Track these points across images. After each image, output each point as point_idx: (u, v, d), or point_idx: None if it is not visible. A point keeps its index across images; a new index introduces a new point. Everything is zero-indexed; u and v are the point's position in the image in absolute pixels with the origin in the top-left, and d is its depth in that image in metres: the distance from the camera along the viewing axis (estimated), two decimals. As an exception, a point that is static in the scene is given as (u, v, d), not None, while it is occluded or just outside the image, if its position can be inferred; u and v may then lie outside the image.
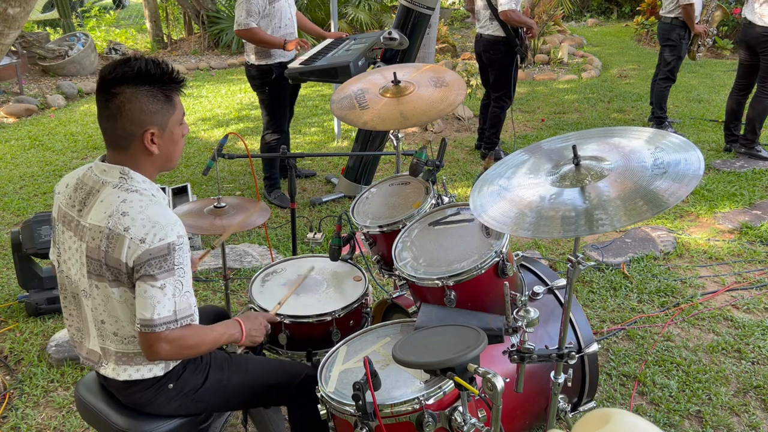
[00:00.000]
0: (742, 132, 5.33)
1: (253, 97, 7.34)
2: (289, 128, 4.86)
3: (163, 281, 1.56)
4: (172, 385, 1.76)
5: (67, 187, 1.71)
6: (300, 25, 4.56)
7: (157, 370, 1.72)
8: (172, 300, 1.58)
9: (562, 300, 2.18)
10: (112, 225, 1.56)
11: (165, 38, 10.72)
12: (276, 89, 4.36)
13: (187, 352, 1.67)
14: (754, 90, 5.20)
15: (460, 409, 1.62)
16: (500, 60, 5.04)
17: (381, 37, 3.94)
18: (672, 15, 5.52)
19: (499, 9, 4.73)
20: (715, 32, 5.82)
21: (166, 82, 1.62)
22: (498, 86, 5.16)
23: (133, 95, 1.58)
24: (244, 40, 4.30)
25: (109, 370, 1.71)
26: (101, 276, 1.61)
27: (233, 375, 1.86)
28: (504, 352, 1.80)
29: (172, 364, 1.74)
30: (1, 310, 3.37)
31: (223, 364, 1.87)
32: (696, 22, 5.47)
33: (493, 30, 4.95)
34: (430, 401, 1.62)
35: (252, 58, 4.31)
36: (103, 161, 1.67)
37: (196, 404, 1.81)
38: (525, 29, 4.93)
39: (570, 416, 2.12)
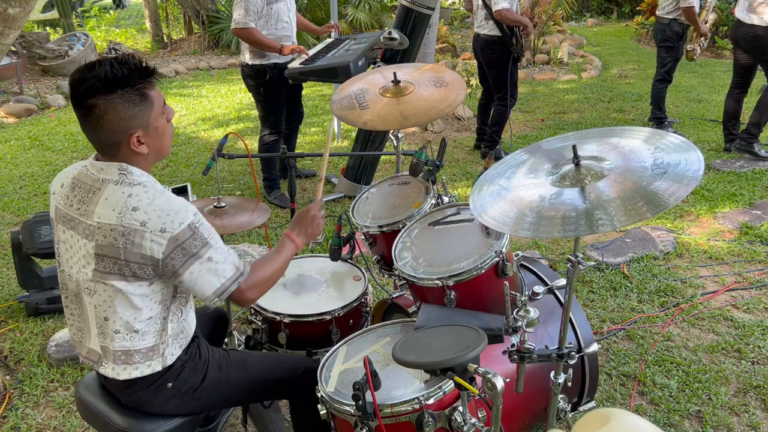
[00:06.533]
0: (742, 130, 5.33)
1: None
2: (296, 127, 4.86)
3: (208, 254, 1.61)
4: (171, 384, 1.76)
5: (62, 186, 1.70)
6: (297, 24, 4.55)
7: (156, 365, 1.71)
8: (226, 261, 1.65)
9: (562, 300, 2.18)
10: (127, 222, 1.56)
11: (165, 38, 10.72)
12: (271, 90, 4.34)
13: (271, 284, 1.80)
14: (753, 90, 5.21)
15: (460, 409, 1.62)
16: (497, 59, 5.04)
17: (381, 37, 3.94)
18: (671, 16, 5.52)
19: (493, 8, 4.72)
20: (709, 34, 5.84)
21: (136, 81, 1.58)
22: (498, 86, 5.16)
23: (108, 105, 1.55)
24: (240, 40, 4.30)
25: (109, 370, 1.71)
26: (113, 273, 1.60)
27: (232, 372, 1.86)
28: (504, 352, 1.80)
29: (169, 360, 1.74)
30: (1, 310, 3.37)
31: (221, 362, 1.87)
32: None
33: (489, 29, 4.94)
34: (430, 401, 1.62)
35: (247, 58, 4.29)
36: (98, 159, 1.66)
37: (195, 403, 1.81)
38: (521, 28, 4.92)
39: (570, 416, 2.12)
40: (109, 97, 1.55)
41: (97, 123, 1.57)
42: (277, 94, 4.38)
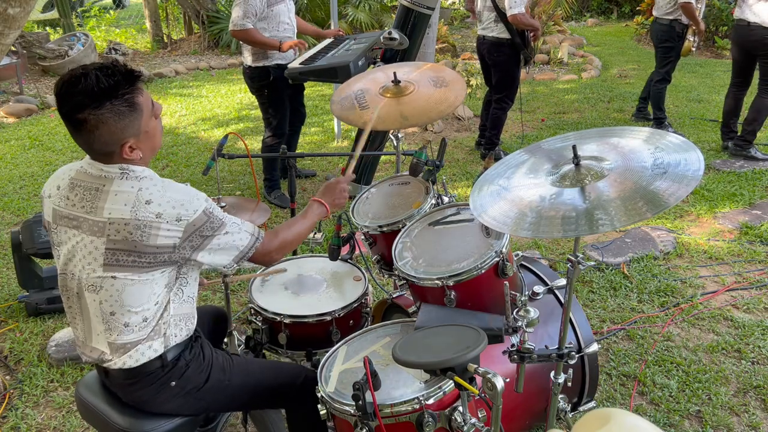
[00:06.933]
0: (740, 131, 5.33)
1: (253, 96, 7.34)
2: (298, 128, 4.84)
3: (225, 230, 1.69)
4: (174, 383, 1.76)
5: (59, 189, 1.69)
6: (297, 27, 4.55)
7: (158, 345, 1.72)
8: (240, 231, 1.73)
9: (562, 300, 2.18)
10: (142, 216, 1.57)
11: (165, 38, 10.72)
12: (274, 91, 4.33)
13: (294, 245, 1.90)
14: (750, 88, 5.21)
15: (460, 409, 1.62)
16: (505, 62, 5.04)
17: (381, 37, 3.94)
18: (671, 17, 5.52)
19: (508, 13, 4.72)
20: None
21: (124, 89, 1.57)
22: (501, 87, 5.16)
23: (98, 120, 1.55)
24: (240, 41, 4.29)
25: (116, 363, 1.71)
26: (125, 266, 1.60)
27: (234, 376, 1.87)
28: (504, 352, 1.80)
29: (172, 341, 1.74)
30: (1, 310, 3.37)
31: (225, 365, 1.87)
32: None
33: (498, 32, 4.94)
34: (430, 401, 1.62)
35: (248, 60, 4.28)
36: (93, 161, 1.66)
37: (197, 403, 1.81)
38: (529, 31, 4.94)
39: (570, 416, 2.12)
40: (99, 111, 1.54)
41: (90, 135, 1.58)
42: (281, 95, 4.38)
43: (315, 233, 2.80)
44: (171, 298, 1.72)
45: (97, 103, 1.54)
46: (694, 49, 5.70)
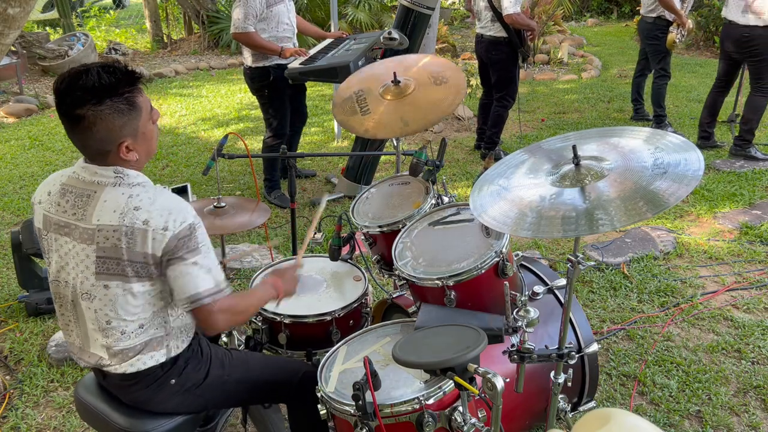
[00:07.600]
0: (737, 133, 5.34)
1: (253, 96, 7.33)
2: (299, 129, 4.84)
3: (194, 259, 1.60)
4: (174, 380, 1.76)
5: (50, 194, 1.68)
6: (300, 28, 4.55)
7: (160, 356, 1.72)
8: (209, 273, 1.63)
9: (562, 300, 2.18)
10: (129, 222, 1.56)
11: (165, 38, 10.72)
12: (275, 91, 4.33)
13: (240, 318, 1.78)
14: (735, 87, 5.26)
15: (460, 409, 1.62)
16: (503, 60, 5.05)
17: (381, 37, 3.94)
18: (654, 14, 5.62)
19: (504, 13, 4.74)
20: (691, 27, 5.88)
21: (125, 89, 1.57)
22: (500, 86, 5.17)
23: (97, 116, 1.54)
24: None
25: (114, 368, 1.71)
26: (116, 275, 1.60)
27: (233, 371, 1.87)
28: (504, 352, 1.80)
29: (174, 351, 1.74)
30: (1, 310, 3.37)
31: (224, 360, 1.87)
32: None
33: (495, 31, 4.96)
34: (430, 401, 1.62)
35: (249, 60, 4.28)
36: (87, 163, 1.65)
37: (196, 400, 1.81)
38: (527, 31, 4.96)
39: (570, 416, 2.12)
40: (98, 108, 1.53)
41: (87, 131, 1.56)
42: (281, 95, 4.38)
43: (315, 233, 2.80)
44: (169, 311, 1.71)
45: (97, 99, 1.53)
46: (677, 41, 5.69)
